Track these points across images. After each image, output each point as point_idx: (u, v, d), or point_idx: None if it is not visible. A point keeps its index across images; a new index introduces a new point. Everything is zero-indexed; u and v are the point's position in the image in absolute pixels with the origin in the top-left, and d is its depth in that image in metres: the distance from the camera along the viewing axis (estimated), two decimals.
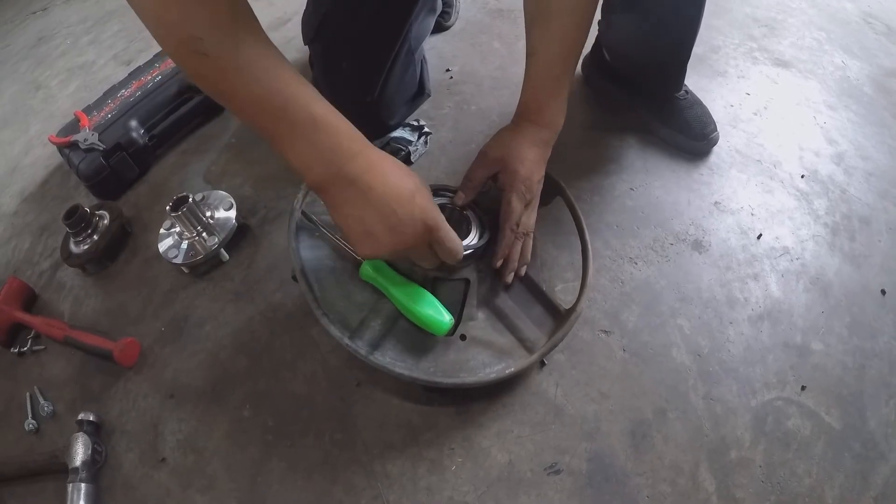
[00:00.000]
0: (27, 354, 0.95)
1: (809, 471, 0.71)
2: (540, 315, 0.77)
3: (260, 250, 0.98)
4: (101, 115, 1.12)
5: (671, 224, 0.92)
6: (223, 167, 1.13)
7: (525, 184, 0.71)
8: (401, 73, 0.98)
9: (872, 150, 1.02)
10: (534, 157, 0.72)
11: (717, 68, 1.15)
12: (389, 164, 0.57)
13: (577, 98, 1.11)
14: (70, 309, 0.99)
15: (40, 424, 0.86)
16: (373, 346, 0.70)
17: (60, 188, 1.20)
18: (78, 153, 1.07)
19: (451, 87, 1.18)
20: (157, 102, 1.14)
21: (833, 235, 0.91)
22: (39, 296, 1.02)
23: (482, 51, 1.26)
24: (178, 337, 0.90)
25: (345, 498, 0.72)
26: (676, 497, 0.69)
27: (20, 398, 0.89)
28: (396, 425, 0.77)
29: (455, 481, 0.72)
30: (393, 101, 1.01)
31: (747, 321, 0.82)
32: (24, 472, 0.80)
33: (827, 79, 1.14)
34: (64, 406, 0.87)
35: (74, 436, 0.79)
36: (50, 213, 1.16)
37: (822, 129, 1.05)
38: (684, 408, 0.75)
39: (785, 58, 1.17)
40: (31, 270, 1.07)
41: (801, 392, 0.76)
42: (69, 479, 0.76)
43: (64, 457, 0.78)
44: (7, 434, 0.87)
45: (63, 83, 1.52)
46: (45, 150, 1.28)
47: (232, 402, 0.82)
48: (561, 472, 0.72)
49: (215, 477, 0.76)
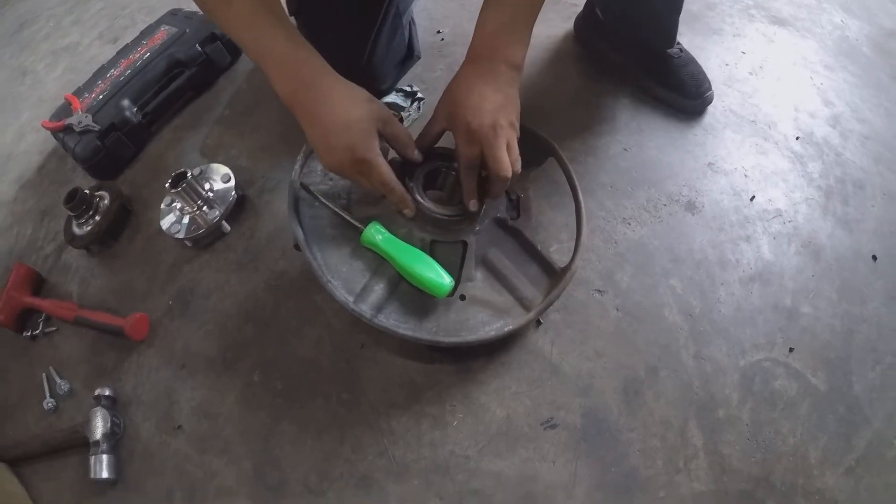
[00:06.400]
0: (39, 337, 0.98)
1: (794, 431, 0.74)
2: (536, 274, 0.79)
3: (260, 220, 1.00)
4: (93, 97, 1.11)
5: (664, 185, 0.93)
6: (217, 140, 1.13)
7: (469, 123, 0.66)
8: (388, 37, 0.97)
9: (869, 113, 1.01)
10: (478, 94, 0.67)
11: (712, 26, 1.13)
12: (340, 95, 0.67)
13: (569, 57, 1.10)
14: (78, 290, 1.01)
15: (58, 403, 0.90)
16: (376, 309, 0.73)
17: (57, 172, 1.21)
18: (73, 136, 1.07)
19: (442, 49, 1.17)
20: (148, 80, 1.13)
21: (826, 199, 0.91)
22: (46, 279, 1.05)
23: (472, 10, 1.22)
24: (186, 309, 0.93)
25: (353, 455, 0.76)
26: (666, 451, 0.73)
27: (37, 380, 0.92)
28: (400, 384, 0.81)
29: (456, 436, 0.76)
30: (382, 66, 1.00)
31: (738, 282, 0.84)
32: (46, 450, 0.84)
33: (825, 38, 1.12)
34: (80, 383, 0.91)
35: (93, 410, 0.83)
36: (49, 198, 1.17)
37: (818, 89, 1.04)
38: (675, 366, 0.78)
39: (782, 15, 1.15)
40: (36, 255, 1.09)
41: (788, 354, 0.79)
42: (91, 452, 0.80)
43: (84, 431, 0.81)
44: (27, 415, 0.91)
45: (49, 67, 1.50)
46: (38, 135, 1.28)
47: (242, 369, 0.86)
48: (557, 426, 0.76)
49: (230, 441, 0.80)
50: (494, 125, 0.66)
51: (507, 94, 0.68)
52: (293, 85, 0.66)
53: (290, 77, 0.66)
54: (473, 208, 0.72)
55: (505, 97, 0.68)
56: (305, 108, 0.66)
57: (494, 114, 0.66)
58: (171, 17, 1.26)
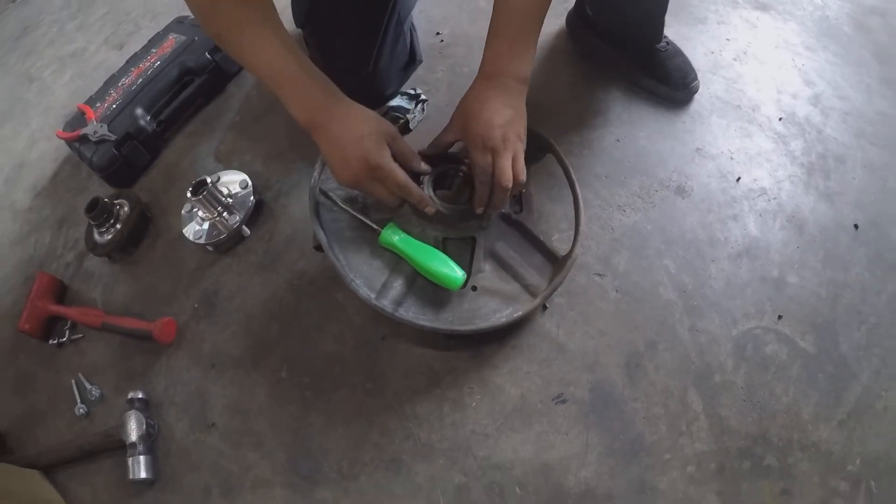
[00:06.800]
0: (66, 344, 1.01)
1: (787, 390, 0.79)
2: (540, 263, 0.85)
3: (279, 223, 1.04)
4: (106, 106, 1.15)
5: (656, 172, 0.99)
6: (231, 145, 1.17)
7: (482, 136, 0.72)
8: (392, 44, 1.02)
9: (850, 90, 1.05)
10: (491, 108, 0.72)
11: (697, 15, 1.17)
12: (349, 114, 0.72)
13: (562, 53, 1.15)
14: (102, 296, 1.05)
15: (90, 408, 0.94)
16: (397, 304, 0.78)
17: (72, 179, 1.24)
18: (89, 146, 1.11)
19: (442, 51, 1.21)
20: (160, 88, 1.17)
21: (808, 175, 0.96)
22: (69, 287, 1.08)
23: (470, 11, 1.28)
24: (212, 311, 0.98)
25: (381, 440, 0.82)
26: (668, 418, 0.79)
27: (66, 387, 0.96)
28: (420, 372, 0.86)
29: (476, 416, 0.82)
30: (387, 73, 1.04)
31: (727, 259, 0.90)
32: (81, 455, 0.88)
33: (806, 20, 1.16)
34: (110, 388, 0.95)
35: (127, 413, 0.86)
36: (66, 206, 1.20)
37: (800, 71, 1.08)
38: (672, 339, 0.84)
39: (764, 0, 1.19)
40: (57, 263, 1.13)
41: (777, 321, 0.84)
42: (128, 454, 0.83)
43: (119, 434, 0.85)
44: (58, 421, 0.95)
45: (56, 73, 1.52)
46: (50, 143, 1.31)
47: (269, 366, 0.91)
48: (567, 401, 0.82)
49: (263, 434, 0.86)
50: (504, 138, 0.72)
51: (516, 108, 0.74)
52: (307, 108, 0.72)
53: (307, 104, 0.72)
54: (480, 212, 0.78)
55: (514, 111, 0.74)
56: (322, 129, 0.72)
57: (504, 128, 0.72)
58: (178, 24, 1.29)
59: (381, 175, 0.72)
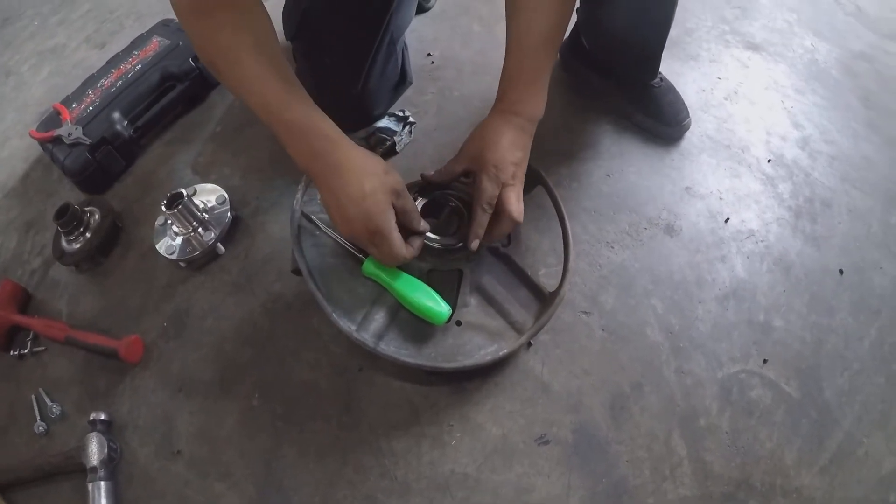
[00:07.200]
0: (27, 356, 0.96)
1: (771, 435, 0.79)
2: (526, 298, 0.83)
3: (255, 242, 1.00)
4: (83, 108, 1.10)
5: (645, 209, 0.98)
6: (210, 157, 1.13)
7: (496, 166, 0.72)
8: (383, 64, 1.00)
9: (837, 134, 1.07)
10: (507, 142, 0.73)
11: (689, 52, 1.19)
12: (353, 165, 0.67)
13: (554, 83, 1.11)
14: (67, 308, 1.00)
15: (50, 426, 0.89)
16: (378, 337, 0.76)
17: (43, 181, 1.19)
18: (62, 148, 1.06)
19: (432, 73, 1.20)
20: (140, 92, 1.12)
21: (796, 218, 0.97)
22: (33, 296, 1.03)
23: (462, 34, 1.27)
24: (182, 331, 0.93)
25: (355, 477, 0.79)
26: (652, 461, 0.78)
27: (25, 401, 0.91)
28: (398, 406, 0.83)
29: (455, 455, 0.79)
30: (376, 92, 1.02)
31: (715, 300, 0.89)
32: (39, 475, 0.83)
33: (796, 62, 1.18)
34: (72, 406, 0.90)
35: (88, 436, 0.82)
36: (35, 209, 1.15)
37: (789, 113, 1.10)
38: (658, 381, 0.83)
39: (756, 41, 1.21)
40: (22, 270, 1.07)
41: (763, 365, 0.84)
42: (88, 479, 0.79)
43: (80, 457, 0.80)
44: (16, 437, 0.89)
45: (34, 69, 1.46)
46: (22, 141, 1.25)
47: (240, 393, 0.87)
48: (549, 442, 0.80)
49: (231, 465, 0.82)
50: (514, 174, 0.72)
51: (525, 150, 0.75)
52: (308, 155, 0.67)
53: (304, 147, 0.67)
54: (475, 248, 0.75)
55: (524, 154, 0.75)
56: (322, 178, 0.68)
57: (516, 166, 0.73)
58: (163, 27, 1.24)
59: (378, 240, 0.68)
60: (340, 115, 0.72)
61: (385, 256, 0.70)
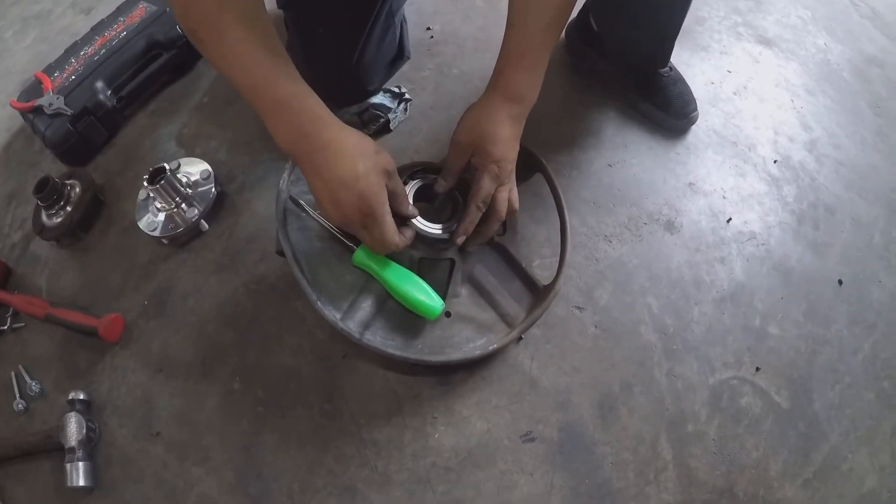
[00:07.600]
0: (7, 333, 0.94)
1: (757, 445, 0.78)
2: (519, 290, 0.81)
3: (241, 219, 0.97)
4: (65, 76, 1.05)
5: (646, 203, 0.95)
6: (196, 129, 1.09)
7: (499, 165, 0.70)
8: (380, 36, 0.95)
9: (845, 140, 1.04)
10: (507, 135, 0.71)
11: (700, 42, 1.14)
12: (342, 145, 0.62)
13: (558, 65, 1.09)
14: (47, 284, 0.97)
15: (29, 404, 0.87)
16: (364, 327, 0.73)
17: (24, 152, 1.15)
18: (43, 119, 1.01)
19: (431, 48, 1.15)
20: (124, 60, 1.07)
21: (799, 223, 0.95)
22: (14, 270, 1.00)
23: (464, 8, 1.21)
24: (163, 310, 0.91)
25: (335, 466, 0.77)
26: (637, 464, 0.76)
27: (5, 378, 0.89)
28: (382, 395, 0.81)
29: (438, 447, 0.78)
30: (372, 67, 0.98)
31: (711, 302, 0.87)
32: (18, 453, 0.82)
33: (808, 61, 1.14)
34: (51, 384, 0.88)
35: (67, 415, 0.80)
36: (16, 180, 1.11)
37: (798, 113, 1.06)
38: (649, 383, 0.81)
39: (768, 35, 1.16)
40: (2, 243, 1.04)
41: (755, 372, 0.83)
42: (66, 459, 0.78)
43: (58, 437, 0.79)
44: None
45: (18, 35, 1.40)
46: (4, 111, 1.19)
47: (221, 376, 0.85)
48: (535, 440, 0.78)
49: (211, 449, 0.80)
50: (511, 172, 0.71)
51: (517, 130, 0.73)
52: (293, 135, 0.62)
53: (289, 126, 0.62)
54: (461, 243, 0.73)
55: (517, 139, 0.73)
56: (308, 162, 0.63)
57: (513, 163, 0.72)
58: None
59: (369, 224, 0.65)
60: (333, 89, 0.69)
61: (377, 243, 0.67)
